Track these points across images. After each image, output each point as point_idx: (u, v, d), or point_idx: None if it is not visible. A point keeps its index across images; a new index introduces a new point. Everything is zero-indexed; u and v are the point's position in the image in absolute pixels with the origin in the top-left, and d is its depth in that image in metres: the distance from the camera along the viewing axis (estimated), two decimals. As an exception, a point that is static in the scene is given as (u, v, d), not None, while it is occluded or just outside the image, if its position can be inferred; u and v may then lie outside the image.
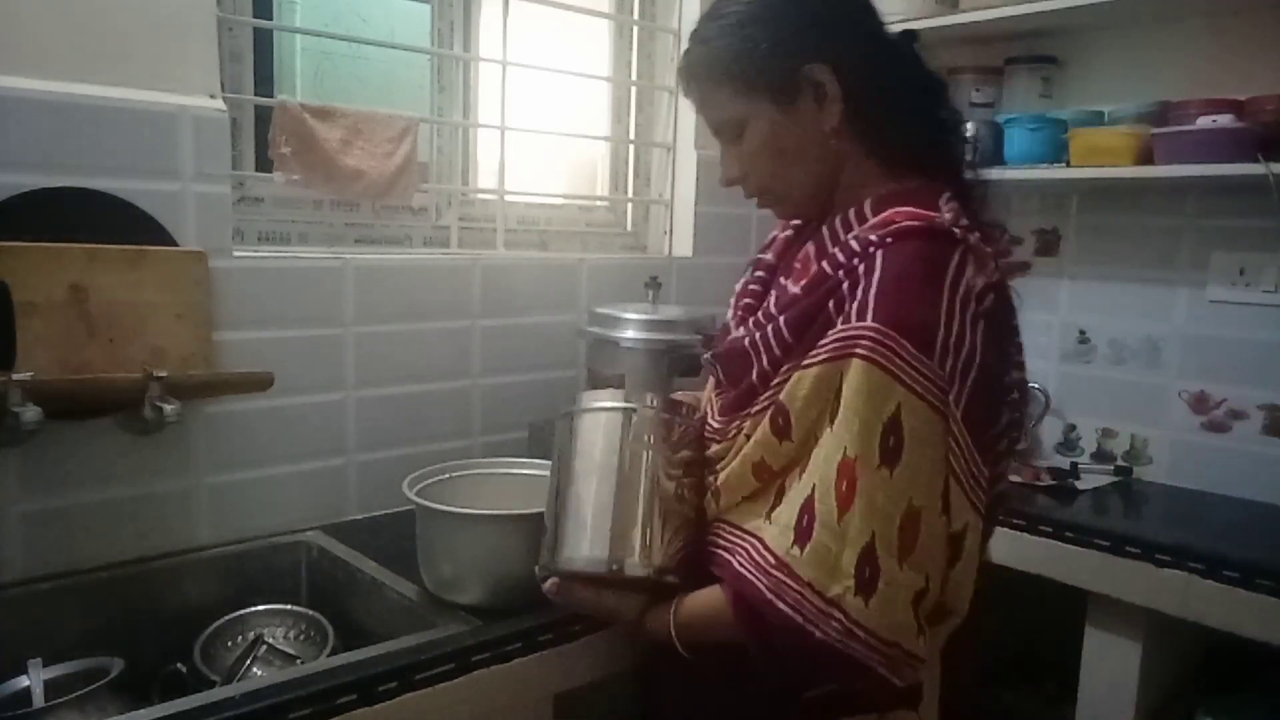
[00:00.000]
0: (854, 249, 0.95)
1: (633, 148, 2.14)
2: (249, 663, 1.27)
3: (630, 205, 2.16)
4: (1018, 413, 1.02)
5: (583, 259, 1.90)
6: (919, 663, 0.92)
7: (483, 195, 1.89)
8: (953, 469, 0.92)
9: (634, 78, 2.11)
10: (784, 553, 0.93)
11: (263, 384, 1.42)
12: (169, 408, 1.27)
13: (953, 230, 0.94)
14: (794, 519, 0.93)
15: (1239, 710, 1.63)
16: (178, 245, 1.36)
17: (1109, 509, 1.81)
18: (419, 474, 1.29)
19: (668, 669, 1.14)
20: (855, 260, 0.94)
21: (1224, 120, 1.67)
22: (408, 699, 1.06)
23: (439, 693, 1.09)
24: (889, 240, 0.93)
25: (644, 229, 2.18)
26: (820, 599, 0.89)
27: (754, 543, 0.98)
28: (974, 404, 0.92)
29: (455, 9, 1.82)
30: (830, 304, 0.95)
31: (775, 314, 1.02)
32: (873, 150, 1.03)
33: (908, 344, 0.89)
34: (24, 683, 1.18)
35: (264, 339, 1.46)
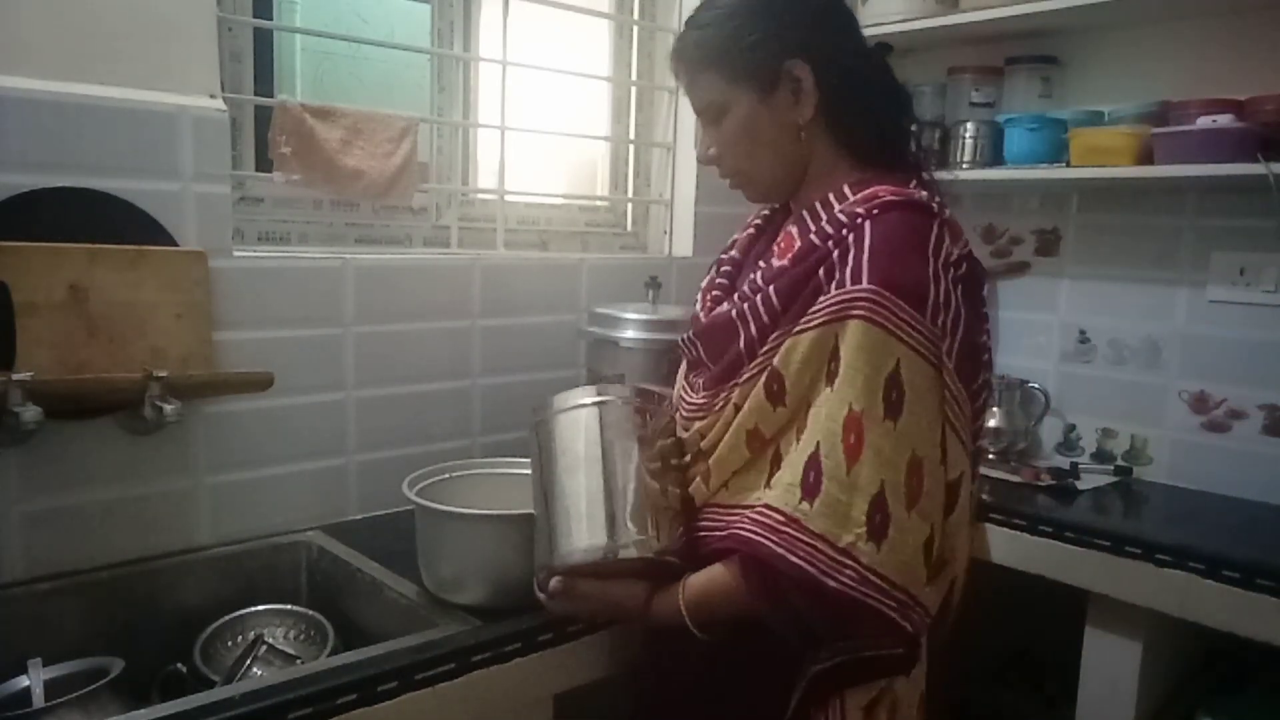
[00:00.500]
0: (842, 221, 1.02)
1: (633, 148, 2.14)
2: (249, 663, 1.27)
3: (630, 205, 2.16)
4: (988, 373, 1.10)
5: (583, 259, 1.90)
6: (926, 613, 0.96)
7: (483, 195, 1.89)
8: (948, 418, 0.98)
9: (634, 78, 2.12)
10: (792, 509, 0.96)
11: (263, 384, 1.42)
12: (169, 408, 1.27)
13: (931, 204, 1.02)
14: (799, 477, 0.97)
15: (1239, 710, 1.63)
16: (178, 245, 1.36)
17: (1109, 509, 1.81)
18: (419, 474, 1.29)
19: (658, 669, 1.15)
20: (844, 231, 1.01)
21: (1224, 120, 1.67)
22: (408, 699, 1.06)
23: (439, 693, 1.09)
24: (875, 211, 1.00)
25: (644, 229, 2.18)
26: (832, 549, 0.93)
27: (755, 509, 1.00)
28: (961, 358, 0.99)
29: (455, 9, 1.82)
30: (820, 271, 1.01)
31: (762, 285, 1.07)
32: (840, 145, 1.10)
33: (902, 303, 0.95)
34: (24, 683, 1.18)
35: (264, 339, 1.46)
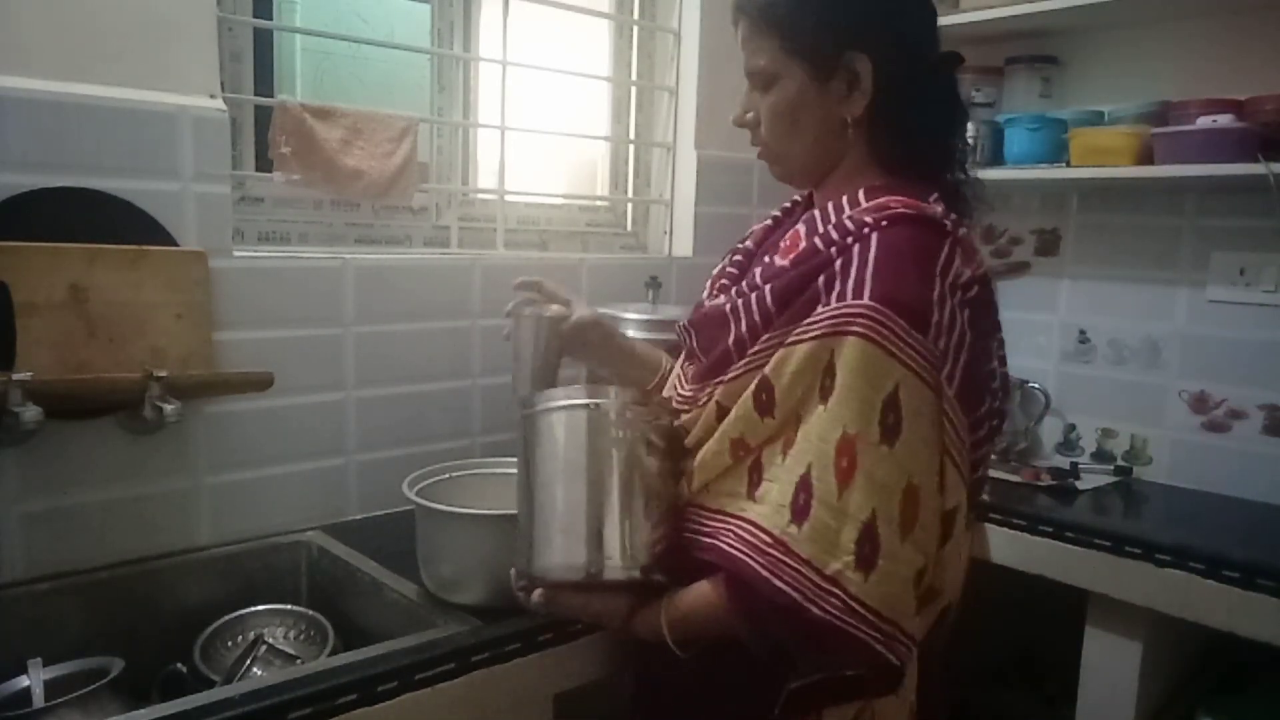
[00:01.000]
0: (848, 228, 0.97)
1: (633, 148, 2.14)
2: (249, 663, 1.27)
3: (630, 205, 2.16)
4: (997, 402, 1.05)
5: (583, 259, 1.90)
6: (912, 643, 0.93)
7: (483, 195, 1.89)
8: (946, 447, 0.94)
9: (634, 78, 2.11)
10: (780, 531, 0.93)
11: (263, 384, 1.42)
12: (169, 408, 1.27)
13: (944, 221, 0.98)
14: (789, 497, 0.93)
15: (1239, 710, 1.63)
16: (178, 245, 1.36)
17: (1109, 509, 1.81)
18: (419, 474, 1.29)
19: (649, 674, 1.14)
20: (849, 239, 0.96)
21: (1224, 120, 1.67)
22: (408, 699, 1.06)
23: (439, 693, 1.09)
24: (883, 223, 0.95)
25: (644, 229, 2.18)
26: (819, 575, 0.90)
27: (741, 524, 0.97)
28: (963, 385, 0.95)
29: (455, 9, 1.82)
30: (821, 279, 0.96)
31: (760, 284, 1.03)
32: (878, 151, 1.05)
33: (903, 322, 0.91)
34: (24, 683, 1.18)
35: (264, 339, 1.46)
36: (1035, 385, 2.07)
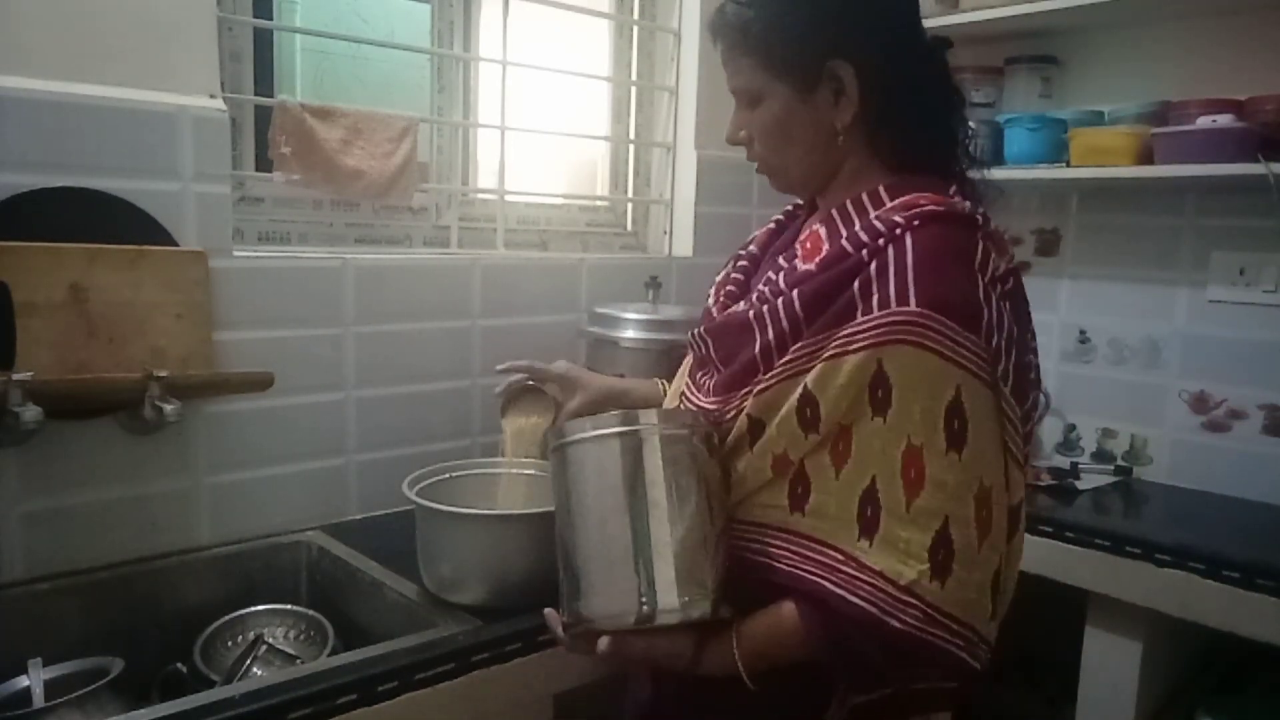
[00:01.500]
0: (878, 229, 0.94)
1: (633, 148, 2.14)
2: (249, 663, 1.27)
3: (630, 205, 2.16)
4: (1036, 391, 1.03)
5: (583, 259, 1.90)
6: (990, 647, 0.91)
7: (483, 195, 1.89)
8: (1007, 445, 0.92)
9: (634, 78, 2.11)
10: (850, 547, 0.90)
11: (263, 384, 1.42)
12: (169, 408, 1.27)
13: (974, 216, 0.96)
14: (853, 512, 0.90)
15: (1239, 710, 1.63)
16: (178, 245, 1.36)
17: (1109, 509, 1.81)
18: (419, 474, 1.29)
19: (668, 682, 1.08)
20: (881, 240, 0.93)
21: (1224, 120, 1.67)
22: (408, 699, 1.06)
23: (439, 693, 1.09)
24: (916, 223, 0.93)
25: (644, 229, 2.18)
26: (894, 587, 0.87)
27: (802, 542, 0.93)
28: (1015, 380, 0.93)
29: (455, 9, 1.82)
30: (856, 285, 0.92)
31: (785, 289, 0.99)
32: (880, 151, 1.03)
33: (954, 324, 0.88)
34: (24, 683, 1.18)
35: (264, 339, 1.46)
36: (1035, 385, 2.07)
